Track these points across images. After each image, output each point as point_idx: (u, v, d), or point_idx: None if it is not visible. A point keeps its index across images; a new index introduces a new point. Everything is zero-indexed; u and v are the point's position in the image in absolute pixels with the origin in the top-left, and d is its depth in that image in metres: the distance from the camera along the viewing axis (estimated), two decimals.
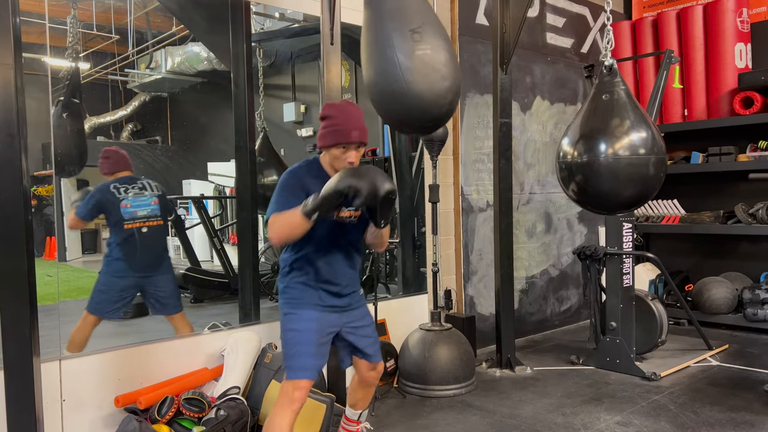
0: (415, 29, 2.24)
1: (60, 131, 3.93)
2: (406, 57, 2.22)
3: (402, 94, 2.23)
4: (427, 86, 2.23)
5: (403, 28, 2.25)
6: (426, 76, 2.23)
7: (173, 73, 7.46)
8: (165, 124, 8.05)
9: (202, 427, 2.86)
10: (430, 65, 2.24)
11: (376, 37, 2.32)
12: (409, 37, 2.23)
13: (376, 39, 2.31)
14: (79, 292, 5.98)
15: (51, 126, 3.29)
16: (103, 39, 6.25)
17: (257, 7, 4.60)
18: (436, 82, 2.24)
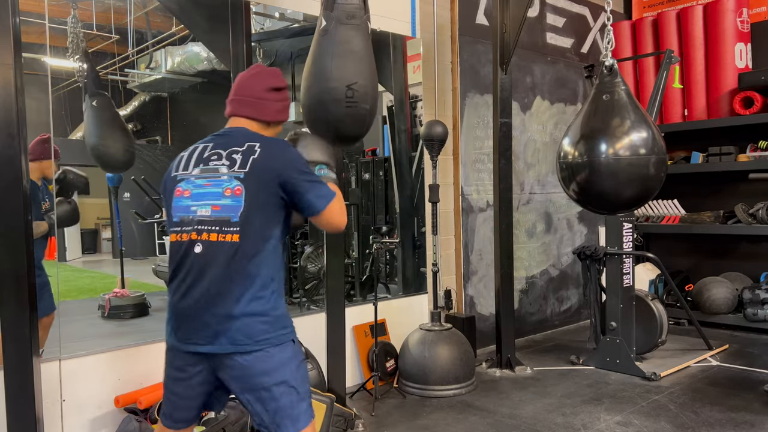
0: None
1: (99, 127, 3.93)
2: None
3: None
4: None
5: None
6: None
7: (173, 73, 7.46)
8: (165, 124, 8.05)
9: (202, 427, 2.85)
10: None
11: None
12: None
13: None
14: (79, 292, 5.99)
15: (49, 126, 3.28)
16: (103, 39, 6.25)
17: (257, 7, 4.60)
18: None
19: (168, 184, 1.97)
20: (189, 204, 1.89)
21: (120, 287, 5.20)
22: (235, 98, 2.02)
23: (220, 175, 1.87)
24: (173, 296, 1.94)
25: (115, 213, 6.05)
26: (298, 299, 5.20)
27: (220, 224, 1.83)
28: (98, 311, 5.07)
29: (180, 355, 1.91)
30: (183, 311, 1.88)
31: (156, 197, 5.82)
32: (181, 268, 1.88)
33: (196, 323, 1.85)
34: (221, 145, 1.93)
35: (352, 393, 3.75)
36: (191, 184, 1.90)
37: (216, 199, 1.85)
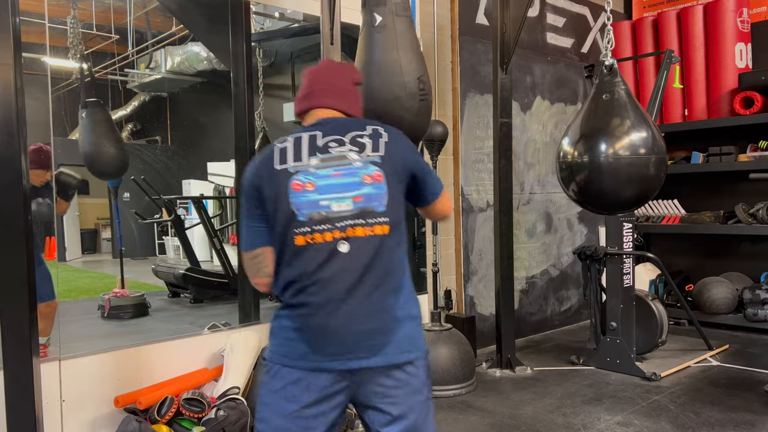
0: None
1: (92, 133, 3.94)
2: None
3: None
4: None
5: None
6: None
7: (173, 73, 7.46)
8: (165, 124, 8.05)
9: (202, 427, 2.85)
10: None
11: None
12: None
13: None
14: (79, 292, 5.99)
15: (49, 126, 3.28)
16: (103, 39, 6.25)
17: (257, 7, 4.60)
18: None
19: (273, 179, 1.65)
20: (317, 198, 1.61)
21: (120, 287, 5.20)
22: (320, 89, 1.81)
23: (351, 162, 1.65)
24: (317, 307, 1.60)
25: (114, 213, 6.06)
26: None
27: (365, 216, 1.61)
28: (98, 311, 5.07)
29: (321, 379, 1.60)
30: (335, 321, 1.58)
31: (156, 197, 5.82)
32: (322, 271, 1.59)
33: (355, 334, 1.58)
34: (335, 131, 1.70)
35: None
36: (312, 176, 1.63)
37: (355, 189, 1.62)
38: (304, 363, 1.60)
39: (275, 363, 1.65)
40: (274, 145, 1.72)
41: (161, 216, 6.14)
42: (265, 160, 1.69)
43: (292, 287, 1.63)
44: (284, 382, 1.62)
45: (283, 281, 1.66)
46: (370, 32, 2.52)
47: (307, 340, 1.60)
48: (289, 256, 1.63)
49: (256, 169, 1.70)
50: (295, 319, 1.63)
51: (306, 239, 1.61)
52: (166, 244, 7.90)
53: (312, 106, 1.80)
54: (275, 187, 1.64)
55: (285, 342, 1.64)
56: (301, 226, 1.61)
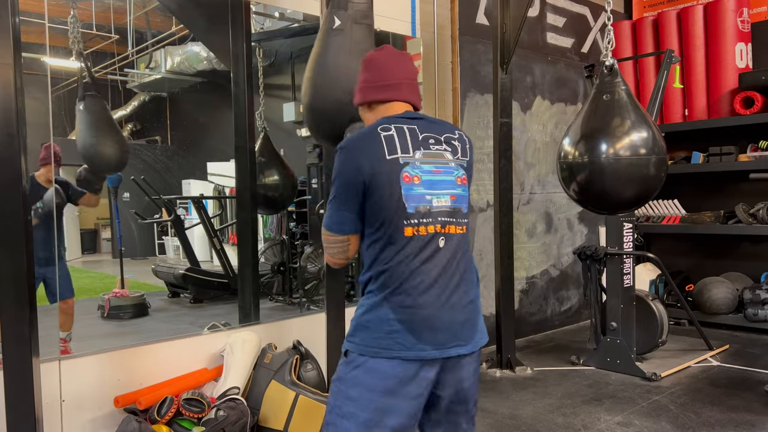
0: None
1: (89, 129, 3.93)
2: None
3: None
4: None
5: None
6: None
7: (173, 72, 7.46)
8: (164, 124, 8.06)
9: (202, 427, 2.85)
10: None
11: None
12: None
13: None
14: (78, 292, 5.97)
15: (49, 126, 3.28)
16: (103, 39, 6.25)
17: (257, 7, 4.60)
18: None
19: (385, 168, 1.64)
20: (423, 192, 1.67)
21: (120, 287, 5.20)
22: (404, 83, 1.82)
23: (447, 162, 1.73)
24: (423, 297, 1.65)
25: (114, 213, 6.06)
26: (298, 299, 5.20)
27: (456, 215, 1.71)
28: (98, 311, 5.07)
29: (426, 367, 1.66)
30: (442, 311, 1.66)
31: (156, 197, 5.82)
32: (428, 263, 1.66)
33: (457, 323, 1.68)
34: (431, 129, 1.75)
35: None
36: (418, 169, 1.67)
37: (452, 188, 1.71)
38: (410, 354, 1.63)
39: (371, 357, 1.65)
40: (375, 131, 1.69)
41: (161, 216, 6.14)
42: (371, 148, 1.66)
43: (394, 277, 1.65)
44: (385, 376, 1.63)
45: (385, 270, 1.66)
46: (327, 33, 2.53)
47: (413, 331, 1.63)
48: (396, 246, 1.65)
49: (362, 155, 1.66)
50: (399, 311, 1.64)
51: (414, 231, 1.65)
52: (165, 244, 7.91)
53: (395, 98, 1.81)
54: (387, 176, 1.64)
55: (386, 335, 1.64)
56: (410, 218, 1.65)
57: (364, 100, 1.85)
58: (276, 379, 3.16)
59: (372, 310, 1.68)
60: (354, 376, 1.66)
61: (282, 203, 5.00)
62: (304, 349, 3.35)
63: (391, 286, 1.65)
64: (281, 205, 5.11)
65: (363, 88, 1.85)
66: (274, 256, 5.78)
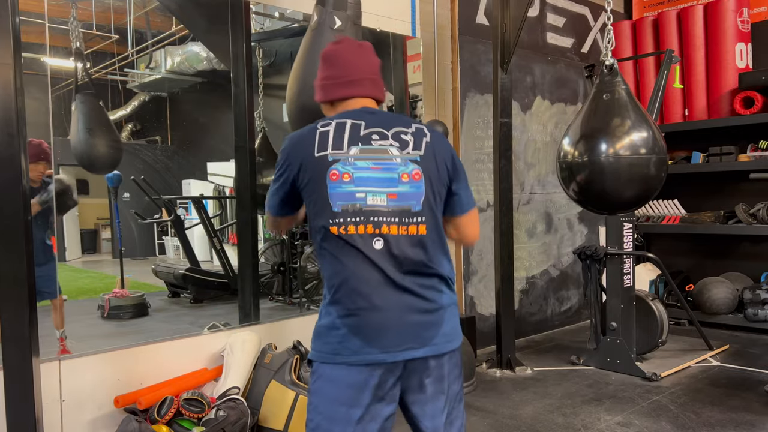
0: None
1: (82, 129, 3.91)
2: None
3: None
4: None
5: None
6: None
7: (173, 72, 7.46)
8: (164, 124, 8.06)
9: (202, 427, 2.85)
10: None
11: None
12: None
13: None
14: (79, 292, 5.99)
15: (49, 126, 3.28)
16: (103, 39, 6.25)
17: (257, 7, 4.60)
18: None
19: (311, 166, 1.61)
20: (353, 190, 1.58)
21: (120, 287, 5.21)
22: (363, 78, 1.73)
23: (391, 157, 1.62)
24: (363, 299, 1.58)
25: (114, 213, 6.06)
26: (298, 299, 5.20)
27: (400, 215, 1.59)
28: (98, 311, 5.08)
29: (375, 373, 1.58)
30: (387, 312, 1.58)
31: (156, 197, 5.82)
32: (359, 266, 1.57)
33: (407, 325, 1.59)
34: (379, 123, 1.66)
35: None
36: (350, 166, 1.59)
37: (391, 186, 1.59)
38: (357, 358, 1.57)
39: (323, 363, 1.62)
40: (315, 127, 1.65)
41: (161, 216, 6.14)
42: (304, 143, 1.64)
43: (333, 280, 1.61)
44: (341, 384, 1.58)
45: (326, 274, 1.64)
46: (321, 33, 2.52)
47: (359, 334, 1.57)
48: (327, 246, 1.61)
49: (293, 150, 1.65)
50: (344, 314, 1.59)
51: (339, 230, 1.57)
52: (165, 244, 7.91)
53: (353, 94, 1.73)
54: (313, 174, 1.60)
55: (335, 340, 1.60)
56: (335, 217, 1.58)
57: (326, 98, 1.77)
58: (276, 379, 3.16)
59: (323, 315, 1.65)
60: (318, 387, 1.63)
61: None
62: (304, 349, 3.35)
63: (334, 288, 1.61)
64: None
65: (324, 85, 1.76)
66: (274, 256, 5.78)
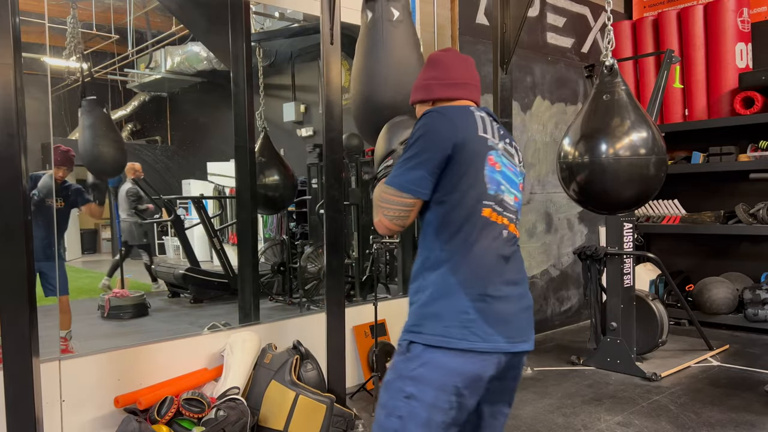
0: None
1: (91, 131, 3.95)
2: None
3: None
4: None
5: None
6: None
7: (173, 72, 7.46)
8: (164, 124, 8.05)
9: (202, 427, 2.85)
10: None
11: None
12: None
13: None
14: (78, 292, 5.98)
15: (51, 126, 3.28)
16: (103, 39, 6.25)
17: (257, 7, 4.60)
18: None
19: (476, 142, 1.59)
20: (500, 181, 1.61)
21: (119, 287, 5.20)
22: (475, 85, 1.78)
23: (516, 164, 1.71)
24: (497, 286, 1.57)
25: (114, 213, 6.06)
26: (298, 299, 5.20)
27: (516, 216, 1.67)
28: (98, 311, 5.08)
29: (495, 360, 1.57)
30: (513, 302, 1.60)
31: (156, 197, 5.82)
32: (499, 251, 1.59)
33: (522, 318, 1.62)
34: (501, 128, 1.72)
35: (352, 393, 3.75)
36: (501, 158, 1.63)
37: (517, 189, 1.68)
38: (486, 345, 1.53)
39: (436, 348, 1.53)
40: (467, 108, 1.66)
41: (161, 216, 6.14)
42: (466, 121, 1.61)
43: (462, 260, 1.55)
44: (457, 372, 1.52)
45: (452, 251, 1.56)
46: (383, 25, 2.44)
47: (488, 321, 1.54)
48: (470, 225, 1.56)
49: (453, 123, 1.58)
50: (477, 299, 1.54)
51: (490, 212, 1.58)
52: (165, 244, 7.91)
53: (463, 96, 1.75)
54: (475, 150, 1.57)
55: (459, 324, 1.52)
56: (489, 200, 1.58)
57: (430, 97, 1.77)
58: (276, 379, 3.16)
59: (443, 297, 1.54)
60: (420, 373, 1.53)
61: (282, 203, 5.00)
62: (304, 349, 3.35)
63: (466, 271, 1.55)
64: (281, 205, 5.12)
65: (429, 85, 1.77)
66: (274, 256, 5.78)
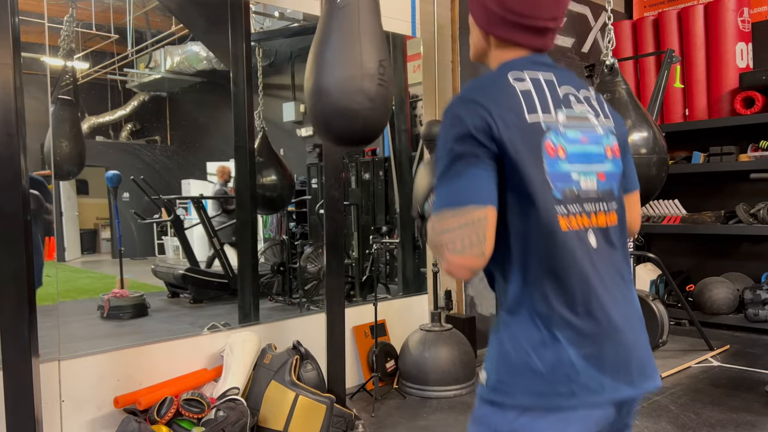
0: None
1: (58, 130, 3.90)
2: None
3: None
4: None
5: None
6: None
7: (172, 72, 7.46)
8: (164, 124, 8.05)
9: (202, 427, 2.85)
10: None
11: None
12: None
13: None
14: (78, 292, 5.98)
15: (51, 126, 3.27)
16: (102, 38, 6.24)
17: (257, 7, 4.60)
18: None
19: (524, 132, 1.13)
20: (568, 170, 1.16)
21: (119, 288, 5.20)
22: (550, 27, 1.24)
23: (593, 126, 1.23)
24: (576, 315, 1.14)
25: (114, 213, 6.05)
26: (298, 299, 5.19)
27: (606, 199, 1.22)
28: (97, 311, 5.07)
29: (614, 412, 1.19)
30: (608, 333, 1.16)
31: (155, 197, 5.82)
32: (588, 269, 1.16)
33: (642, 347, 1.22)
34: (568, 81, 1.25)
35: (352, 394, 3.74)
36: (563, 137, 1.17)
37: (599, 163, 1.22)
38: (600, 398, 1.14)
39: (534, 412, 1.13)
40: (506, 80, 1.17)
41: (161, 216, 6.14)
42: (507, 101, 1.15)
43: (563, 291, 1.14)
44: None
45: (544, 281, 1.14)
46: (331, 10, 2.37)
47: (597, 365, 1.14)
48: (550, 243, 1.13)
49: (491, 107, 1.12)
50: (579, 341, 1.14)
51: (568, 224, 1.15)
52: (165, 244, 7.90)
53: (535, 46, 1.25)
54: (527, 144, 1.13)
55: (556, 377, 1.12)
56: (559, 205, 1.14)
57: (488, 29, 1.26)
58: (276, 379, 3.16)
59: (522, 341, 1.15)
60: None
61: (281, 203, 5.00)
62: (303, 349, 3.34)
63: (560, 305, 1.14)
64: (279, 205, 5.12)
65: (492, 11, 1.23)
66: (274, 256, 5.78)
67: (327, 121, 2.24)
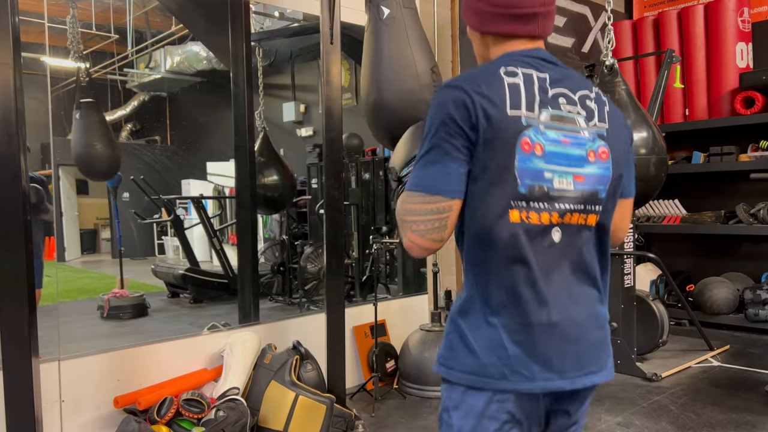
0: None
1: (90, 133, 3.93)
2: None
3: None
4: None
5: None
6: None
7: (172, 72, 7.46)
8: (164, 124, 8.05)
9: (202, 427, 2.85)
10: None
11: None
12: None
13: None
14: (78, 292, 5.98)
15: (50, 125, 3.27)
16: (102, 38, 6.25)
17: (257, 7, 4.60)
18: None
19: (503, 124, 1.18)
20: (542, 168, 1.20)
21: (119, 288, 5.20)
22: (539, 11, 1.27)
23: (579, 130, 1.25)
24: (529, 312, 1.21)
25: (114, 213, 6.05)
26: (298, 299, 5.19)
27: (585, 201, 1.25)
28: (97, 312, 5.07)
29: (550, 402, 1.28)
30: (562, 326, 1.23)
31: (155, 197, 5.82)
32: (539, 262, 1.21)
33: (586, 343, 1.27)
34: (564, 82, 1.27)
35: (352, 394, 3.74)
36: (542, 136, 1.20)
37: (578, 166, 1.24)
38: (529, 386, 1.21)
39: (473, 390, 1.23)
40: (497, 73, 1.22)
41: (161, 216, 6.14)
42: (491, 92, 1.19)
43: (494, 279, 1.22)
44: (488, 417, 1.23)
45: (482, 269, 1.23)
46: (377, 26, 2.48)
47: (533, 355, 1.21)
48: (497, 235, 1.19)
49: (477, 97, 1.18)
50: (512, 329, 1.21)
51: (521, 216, 1.19)
52: (165, 244, 7.90)
53: (525, 33, 1.29)
54: (502, 135, 1.18)
55: (496, 361, 1.21)
56: (520, 199, 1.19)
57: (482, 29, 1.32)
58: (276, 379, 3.16)
59: (475, 327, 1.24)
60: (464, 425, 1.26)
61: (281, 203, 5.00)
62: (303, 349, 3.34)
63: (497, 292, 1.22)
64: (280, 205, 5.12)
65: (482, 11, 1.30)
66: (274, 256, 5.78)
67: (394, 134, 2.35)
